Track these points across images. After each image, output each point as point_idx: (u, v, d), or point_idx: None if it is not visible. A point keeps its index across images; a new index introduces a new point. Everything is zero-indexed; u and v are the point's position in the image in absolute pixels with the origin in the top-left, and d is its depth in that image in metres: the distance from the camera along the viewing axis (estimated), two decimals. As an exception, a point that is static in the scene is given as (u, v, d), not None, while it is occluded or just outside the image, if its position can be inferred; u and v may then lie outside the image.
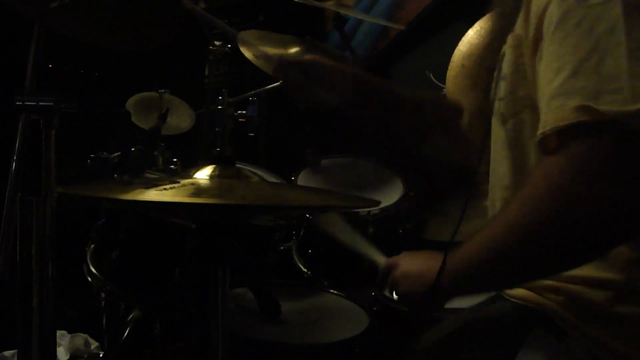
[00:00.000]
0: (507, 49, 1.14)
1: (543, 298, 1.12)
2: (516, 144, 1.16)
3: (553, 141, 0.96)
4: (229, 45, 2.31)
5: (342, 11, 2.69)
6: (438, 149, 1.49)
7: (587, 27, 0.96)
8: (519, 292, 1.16)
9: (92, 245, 1.88)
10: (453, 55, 1.95)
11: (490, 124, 1.21)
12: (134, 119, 2.18)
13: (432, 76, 2.75)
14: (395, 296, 1.31)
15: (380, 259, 1.34)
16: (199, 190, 1.17)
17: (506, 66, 1.14)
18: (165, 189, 1.12)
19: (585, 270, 1.07)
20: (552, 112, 0.96)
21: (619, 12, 0.95)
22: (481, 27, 1.93)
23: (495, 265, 1.06)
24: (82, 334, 2.28)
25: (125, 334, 1.69)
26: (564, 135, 0.94)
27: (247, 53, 1.99)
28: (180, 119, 2.33)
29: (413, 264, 1.21)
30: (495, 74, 1.18)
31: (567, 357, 1.09)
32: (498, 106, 1.17)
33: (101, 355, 2.01)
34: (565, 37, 0.98)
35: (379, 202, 1.54)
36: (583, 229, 0.95)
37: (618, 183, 0.91)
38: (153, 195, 1.10)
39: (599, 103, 0.91)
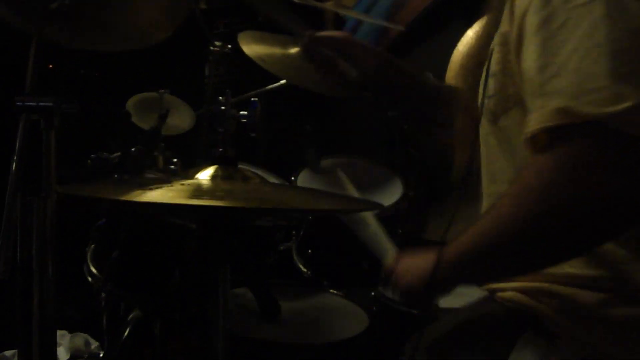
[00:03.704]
0: (495, 47, 1.15)
1: (534, 301, 1.12)
2: (508, 141, 1.16)
3: (543, 139, 0.97)
4: (229, 46, 2.31)
5: (342, 11, 2.69)
6: (439, 144, 1.52)
7: (570, 28, 0.97)
8: (510, 295, 1.17)
9: (92, 245, 1.88)
10: (453, 55, 1.95)
11: (478, 123, 1.22)
12: (134, 119, 2.18)
13: (431, 76, 2.75)
14: (396, 295, 1.32)
15: (390, 258, 1.34)
16: (200, 191, 1.17)
17: (494, 63, 1.15)
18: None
19: (575, 271, 1.08)
20: (535, 112, 0.97)
21: (602, 12, 0.95)
22: (481, 28, 1.93)
23: (488, 258, 1.07)
24: (82, 334, 2.28)
25: (125, 334, 1.69)
26: (551, 134, 0.95)
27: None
28: (180, 119, 2.33)
29: (413, 260, 1.22)
30: (484, 71, 1.18)
31: (558, 359, 1.09)
32: (488, 104, 1.18)
33: (101, 355, 2.01)
34: (549, 37, 0.98)
35: (382, 205, 1.54)
36: (575, 224, 0.96)
37: (606, 181, 0.92)
38: (154, 195, 1.10)
39: (580, 104, 0.92)
